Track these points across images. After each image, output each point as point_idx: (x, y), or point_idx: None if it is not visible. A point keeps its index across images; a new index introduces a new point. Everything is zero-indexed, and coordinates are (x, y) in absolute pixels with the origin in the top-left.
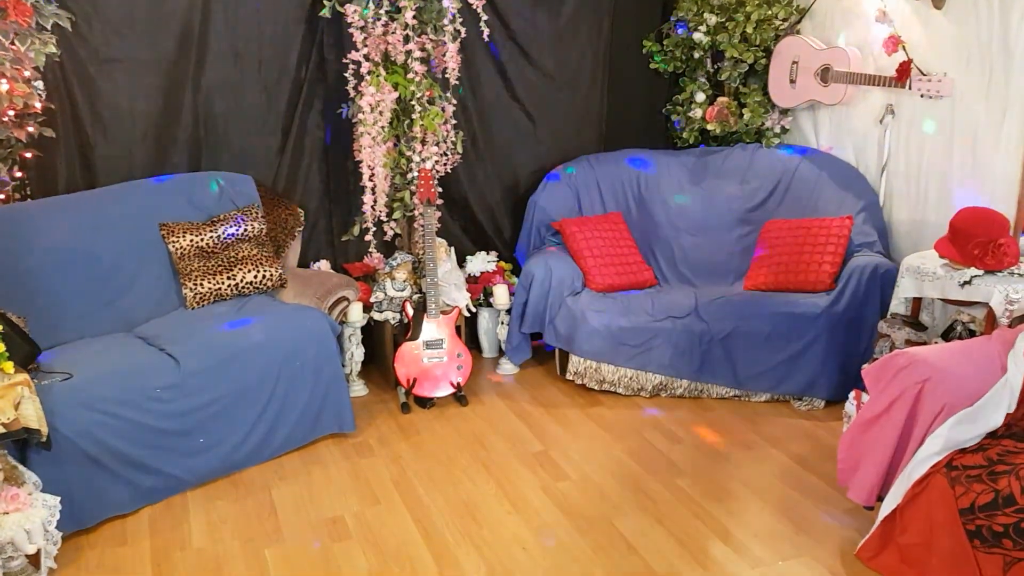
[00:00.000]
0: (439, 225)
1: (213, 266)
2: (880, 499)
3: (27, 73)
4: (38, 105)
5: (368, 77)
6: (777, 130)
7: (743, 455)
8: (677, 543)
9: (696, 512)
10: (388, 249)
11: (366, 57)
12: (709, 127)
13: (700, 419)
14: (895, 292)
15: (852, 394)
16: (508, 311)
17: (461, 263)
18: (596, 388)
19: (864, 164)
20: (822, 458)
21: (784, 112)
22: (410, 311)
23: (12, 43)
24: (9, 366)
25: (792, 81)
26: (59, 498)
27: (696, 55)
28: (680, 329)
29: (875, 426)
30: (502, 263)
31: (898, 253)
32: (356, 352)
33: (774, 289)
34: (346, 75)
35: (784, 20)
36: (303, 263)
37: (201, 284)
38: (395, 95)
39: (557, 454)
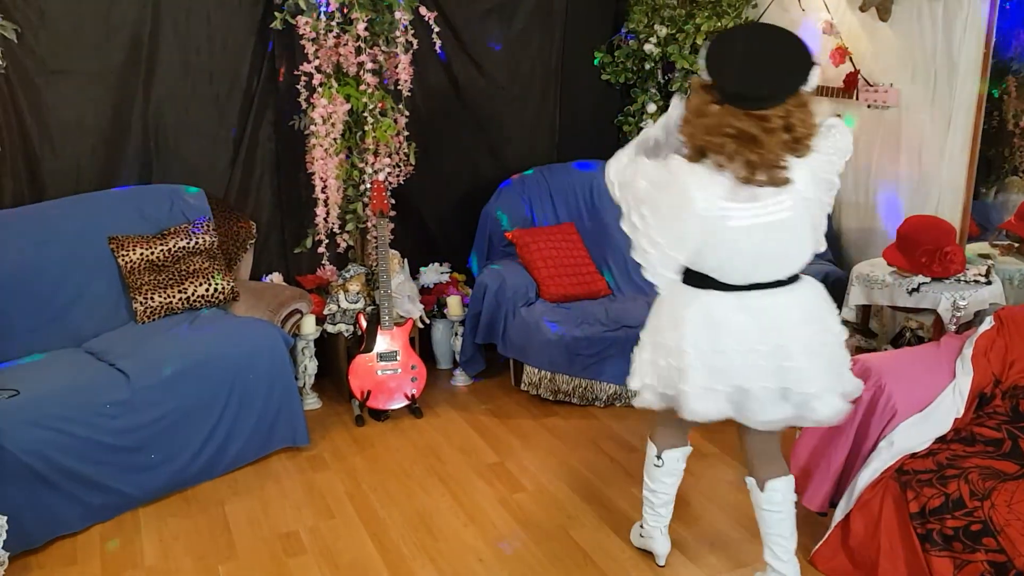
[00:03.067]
0: (392, 236)
1: (164, 280)
2: (833, 505)
3: None
4: None
5: (320, 89)
6: None
7: (697, 464)
8: (634, 552)
9: None
10: (341, 261)
11: (318, 69)
12: None
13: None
14: (845, 300)
15: None
16: (462, 322)
17: (414, 274)
18: (551, 399)
19: None
20: None
21: None
22: (364, 323)
23: None
24: None
25: None
26: (5, 517)
27: (647, 66)
28: (634, 338)
29: (827, 433)
30: (455, 274)
31: (847, 261)
32: (309, 365)
33: None
34: (298, 87)
35: None
36: (255, 276)
37: (152, 298)
38: (347, 107)
39: (512, 465)
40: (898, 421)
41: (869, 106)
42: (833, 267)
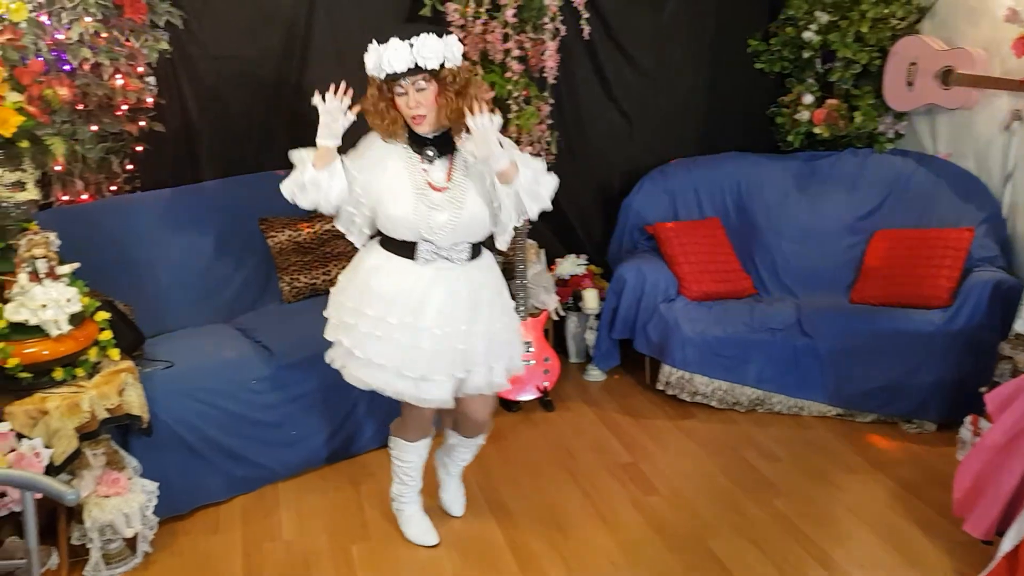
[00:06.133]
0: (529, 226)
1: (309, 261)
2: (1000, 533)
3: (140, 69)
4: (150, 100)
5: None
6: (890, 135)
7: (846, 478)
8: (774, 567)
9: (795, 536)
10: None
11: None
12: (816, 130)
13: (799, 437)
14: (1019, 311)
15: (968, 419)
16: (597, 316)
17: (551, 265)
18: (688, 400)
19: (986, 173)
20: (933, 485)
21: (899, 116)
22: None
23: (127, 40)
24: (115, 353)
25: (909, 83)
26: (157, 484)
27: (805, 55)
28: (780, 342)
29: (998, 456)
30: (592, 267)
31: (1022, 269)
32: None
33: (884, 303)
34: None
35: (902, 19)
36: None
37: (298, 279)
38: (492, 94)
39: (647, 467)
40: None
41: None
42: (1006, 275)
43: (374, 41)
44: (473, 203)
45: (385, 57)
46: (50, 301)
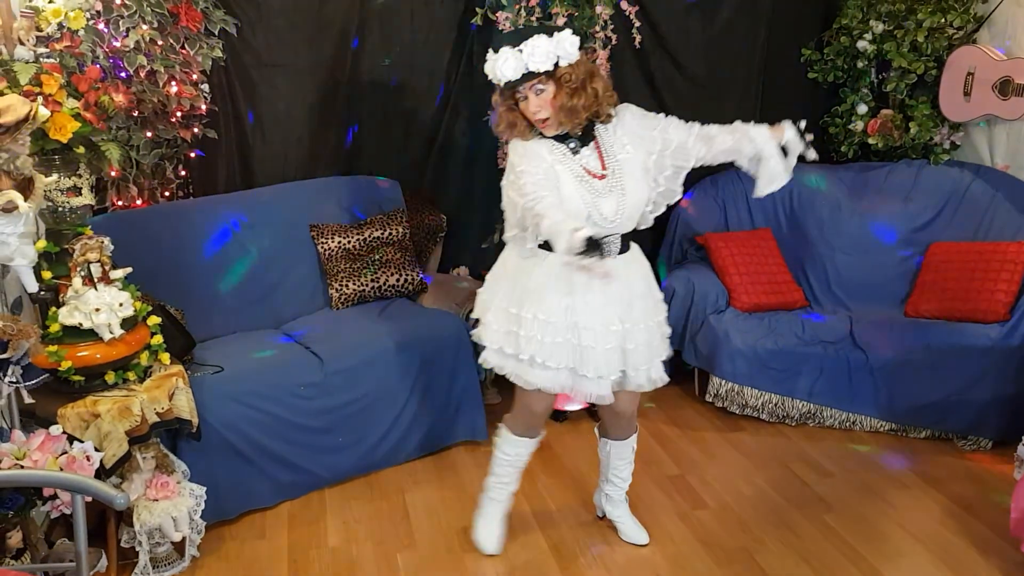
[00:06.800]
0: None
1: (358, 268)
2: None
3: (194, 76)
4: (203, 107)
5: None
6: (946, 146)
7: (899, 494)
8: None
9: (846, 552)
10: None
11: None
12: (870, 141)
13: (851, 452)
14: None
15: None
16: None
17: None
18: (738, 412)
19: None
20: (989, 504)
21: (955, 127)
22: None
23: (182, 47)
24: (166, 357)
25: (966, 94)
26: (205, 488)
27: (859, 65)
28: (832, 355)
29: None
30: None
31: None
32: None
33: (940, 317)
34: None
35: (959, 28)
36: (443, 269)
37: (346, 285)
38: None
39: (695, 479)
40: None
41: None
42: None
43: (490, 50)
44: (633, 189)
45: (498, 67)
46: (103, 305)
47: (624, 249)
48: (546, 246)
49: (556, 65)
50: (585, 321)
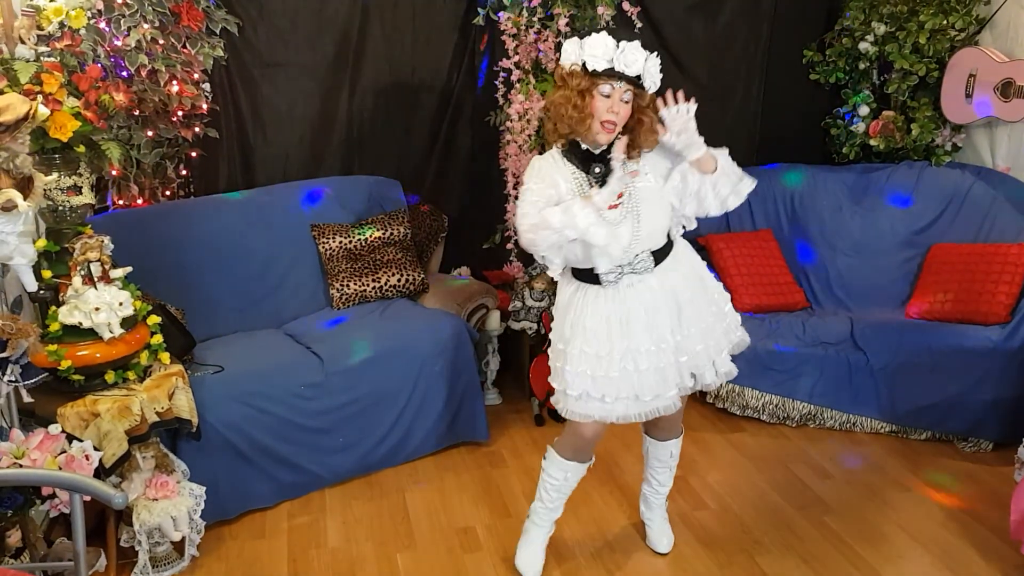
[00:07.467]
0: None
1: (359, 268)
2: None
3: (196, 76)
4: (204, 107)
5: (518, 85)
6: (948, 147)
7: (899, 496)
8: None
9: (846, 554)
10: (528, 258)
11: (517, 65)
12: (872, 142)
13: (851, 454)
14: None
15: None
16: None
17: None
18: (738, 413)
19: None
20: (990, 506)
21: (957, 128)
22: (549, 322)
23: (184, 46)
24: (166, 357)
25: (968, 95)
26: (205, 488)
27: (861, 66)
28: (833, 356)
29: None
30: None
31: None
32: (492, 360)
33: (940, 319)
34: (496, 83)
35: (961, 30)
36: (444, 269)
37: (347, 285)
38: (543, 103)
39: (695, 480)
40: None
41: None
42: None
43: (575, 36)
44: (648, 213)
45: (588, 44)
46: (103, 304)
47: (659, 260)
48: (583, 276)
49: (639, 78)
50: (637, 344)
